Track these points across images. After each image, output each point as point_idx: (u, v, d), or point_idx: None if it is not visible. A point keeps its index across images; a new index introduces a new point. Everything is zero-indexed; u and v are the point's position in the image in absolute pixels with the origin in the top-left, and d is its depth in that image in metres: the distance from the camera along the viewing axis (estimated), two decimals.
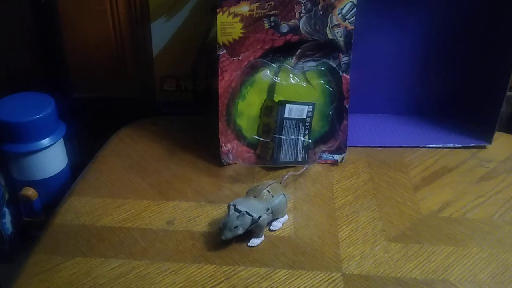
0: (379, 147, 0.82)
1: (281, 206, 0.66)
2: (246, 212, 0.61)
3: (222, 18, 0.72)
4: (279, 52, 0.75)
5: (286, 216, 0.68)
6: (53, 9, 0.89)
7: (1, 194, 0.82)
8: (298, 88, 0.75)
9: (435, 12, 0.82)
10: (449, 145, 0.82)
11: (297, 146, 0.75)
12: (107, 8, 0.89)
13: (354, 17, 0.72)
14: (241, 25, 0.72)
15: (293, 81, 0.75)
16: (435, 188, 0.74)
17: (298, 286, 0.58)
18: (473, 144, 0.82)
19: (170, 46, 0.87)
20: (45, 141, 0.82)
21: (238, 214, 0.61)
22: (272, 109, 0.75)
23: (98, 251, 0.63)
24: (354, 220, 0.68)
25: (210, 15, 0.83)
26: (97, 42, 0.92)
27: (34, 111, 0.81)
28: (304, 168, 0.76)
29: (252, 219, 0.61)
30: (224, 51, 0.73)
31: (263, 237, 0.64)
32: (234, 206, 0.61)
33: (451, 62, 0.85)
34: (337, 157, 0.78)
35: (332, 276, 0.60)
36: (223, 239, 0.61)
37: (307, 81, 0.76)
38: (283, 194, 0.66)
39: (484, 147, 0.82)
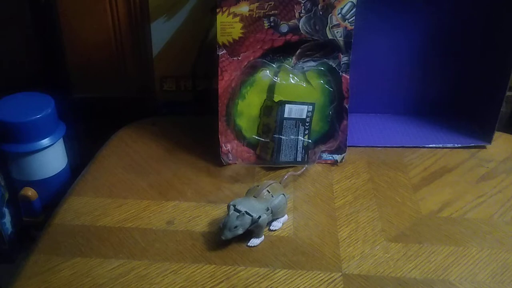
0: (379, 147, 0.82)
1: (281, 206, 0.66)
2: (246, 212, 0.61)
3: (222, 18, 0.72)
4: (279, 52, 0.75)
5: (286, 216, 0.68)
6: (53, 9, 0.89)
7: (1, 194, 0.82)
8: (298, 88, 0.75)
9: (435, 12, 0.81)
10: (449, 145, 0.82)
11: (297, 146, 0.75)
12: (107, 8, 0.89)
13: (353, 17, 0.72)
14: (240, 25, 0.72)
15: (293, 81, 0.75)
16: (435, 188, 0.74)
17: (298, 286, 0.58)
18: (473, 144, 0.82)
19: (170, 46, 0.87)
20: (45, 141, 0.82)
21: (238, 214, 0.61)
22: (272, 109, 0.75)
23: (98, 251, 0.63)
24: (354, 220, 0.68)
25: (210, 15, 0.83)
26: (97, 42, 0.92)
27: (34, 111, 0.81)
28: (304, 168, 0.76)
29: (252, 219, 0.61)
30: (224, 51, 0.73)
31: (263, 237, 0.64)
32: (234, 206, 0.61)
33: (451, 62, 0.85)
34: (337, 157, 0.78)
35: (332, 276, 0.60)
36: (223, 239, 0.61)
37: (307, 81, 0.76)
38: (283, 194, 0.66)
39: (484, 147, 0.82)
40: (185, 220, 0.67)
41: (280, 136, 0.75)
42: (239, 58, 0.74)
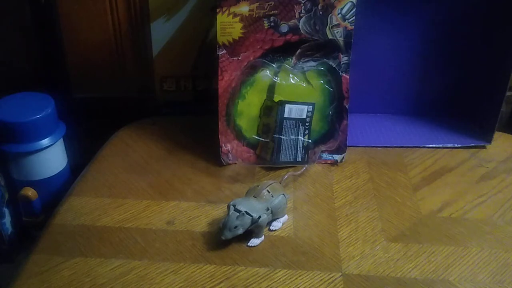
0: (379, 147, 0.82)
1: (281, 206, 0.66)
2: (246, 212, 0.61)
3: (222, 18, 0.72)
4: (279, 52, 0.75)
5: (286, 216, 0.68)
6: (53, 9, 0.89)
7: (1, 194, 0.82)
8: (298, 88, 0.75)
9: (435, 11, 0.81)
10: (449, 145, 0.82)
11: (297, 146, 0.75)
12: (107, 8, 0.89)
13: (353, 17, 0.72)
14: (241, 25, 0.72)
15: (293, 81, 0.75)
16: (435, 188, 0.74)
17: (298, 286, 0.58)
18: (473, 144, 0.82)
19: (170, 46, 0.87)
20: (45, 141, 0.82)
21: (238, 214, 0.60)
22: (271, 109, 0.75)
23: (98, 251, 0.63)
24: (354, 220, 0.68)
25: (210, 15, 0.83)
26: (97, 42, 0.92)
27: (34, 111, 0.80)
28: (304, 168, 0.76)
29: (252, 219, 0.61)
30: (224, 51, 0.73)
31: (263, 237, 0.64)
32: (234, 206, 0.61)
33: (451, 62, 0.85)
34: (337, 157, 0.78)
35: (332, 276, 0.60)
36: (223, 239, 0.61)
37: (307, 81, 0.76)
38: (283, 194, 0.66)
39: (484, 147, 0.82)
40: (185, 220, 0.67)
41: (280, 136, 0.75)
42: (239, 58, 0.74)
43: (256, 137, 0.77)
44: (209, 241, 0.64)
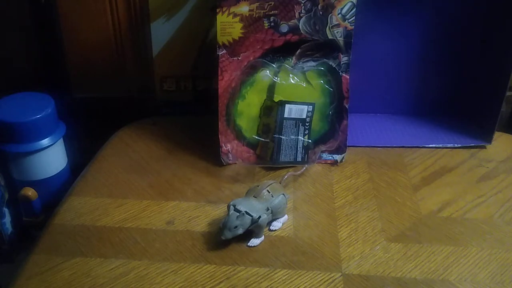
0: (379, 147, 0.82)
1: (281, 206, 0.66)
2: (246, 212, 0.61)
3: (222, 18, 0.72)
4: (279, 52, 0.75)
5: (286, 216, 0.68)
6: (53, 9, 0.89)
7: (1, 194, 0.82)
8: (298, 88, 0.75)
9: (435, 11, 0.82)
10: (449, 145, 0.82)
11: (297, 146, 0.75)
12: (107, 8, 0.89)
13: (353, 17, 0.72)
14: (241, 25, 0.72)
15: (293, 81, 0.75)
16: (435, 188, 0.74)
17: (298, 286, 0.58)
18: (473, 144, 0.82)
19: (170, 46, 0.87)
20: (45, 141, 0.82)
21: (238, 214, 0.61)
22: (271, 109, 0.75)
23: (98, 251, 0.63)
24: (354, 220, 0.68)
25: (210, 15, 0.83)
26: (97, 42, 0.92)
27: (34, 111, 0.80)
28: (304, 168, 0.76)
29: (252, 219, 0.61)
30: (224, 51, 0.73)
31: (263, 237, 0.64)
32: (234, 206, 0.61)
33: (451, 62, 0.85)
34: (337, 157, 0.78)
35: (332, 276, 0.60)
36: (223, 239, 0.61)
37: (307, 81, 0.76)
38: (283, 194, 0.66)
39: (484, 147, 0.82)
40: (185, 220, 0.67)
41: (280, 136, 0.75)
42: (239, 58, 0.74)
43: (256, 137, 0.77)
44: (209, 241, 0.64)
